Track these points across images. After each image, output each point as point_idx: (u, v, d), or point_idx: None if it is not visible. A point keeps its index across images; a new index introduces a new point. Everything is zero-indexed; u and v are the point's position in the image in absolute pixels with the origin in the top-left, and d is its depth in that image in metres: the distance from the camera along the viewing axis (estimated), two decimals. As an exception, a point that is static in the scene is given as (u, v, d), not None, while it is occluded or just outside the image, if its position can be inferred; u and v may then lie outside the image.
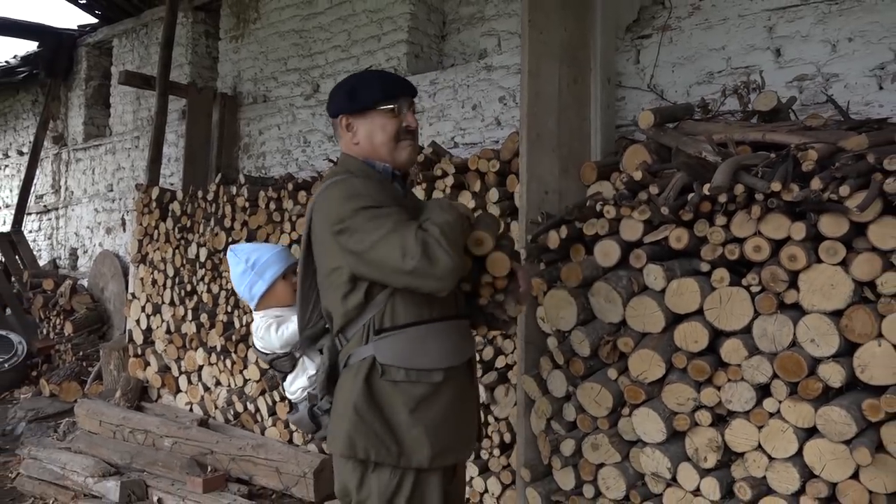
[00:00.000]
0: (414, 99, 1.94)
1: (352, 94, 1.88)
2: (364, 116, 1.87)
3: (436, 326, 1.78)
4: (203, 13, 6.77)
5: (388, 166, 1.88)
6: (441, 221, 1.65)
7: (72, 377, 6.21)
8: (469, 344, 1.90)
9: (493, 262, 1.76)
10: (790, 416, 2.12)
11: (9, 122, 9.40)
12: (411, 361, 1.74)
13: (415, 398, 1.73)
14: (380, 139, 1.86)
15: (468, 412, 1.88)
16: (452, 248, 1.60)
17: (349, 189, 1.73)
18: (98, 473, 4.02)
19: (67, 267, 8.14)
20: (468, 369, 1.89)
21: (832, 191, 2.08)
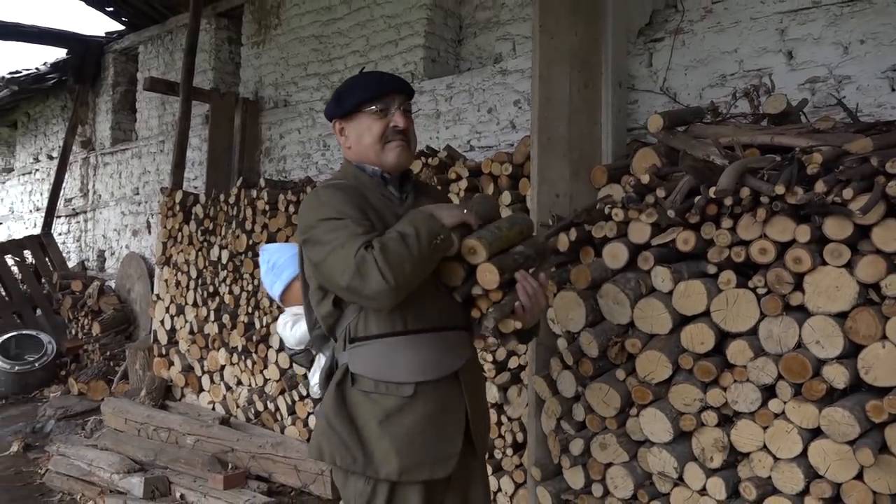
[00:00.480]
0: (406, 97, 1.87)
1: (339, 98, 1.87)
2: (352, 120, 1.85)
3: (409, 339, 1.74)
4: (226, 19, 6.90)
5: (377, 169, 1.85)
6: (395, 235, 1.61)
7: (99, 376, 6.36)
8: (456, 357, 1.80)
9: (481, 273, 1.66)
10: (795, 416, 2.14)
11: (39, 128, 9.63)
12: (380, 373, 1.74)
13: (384, 410, 1.72)
14: (367, 141, 1.83)
15: (450, 426, 1.78)
16: (389, 268, 1.55)
17: (318, 199, 1.75)
18: (123, 470, 4.12)
19: (95, 268, 8.33)
20: (454, 382, 1.79)
21: (836, 194, 2.10)
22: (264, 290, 4.52)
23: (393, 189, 1.87)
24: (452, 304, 1.73)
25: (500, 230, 1.73)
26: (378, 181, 1.86)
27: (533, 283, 1.71)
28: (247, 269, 4.62)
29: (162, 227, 5.51)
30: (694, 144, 2.72)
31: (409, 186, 1.92)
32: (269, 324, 4.45)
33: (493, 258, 1.67)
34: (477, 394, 1.89)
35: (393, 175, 1.87)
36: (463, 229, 1.69)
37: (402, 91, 1.85)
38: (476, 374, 1.93)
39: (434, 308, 1.76)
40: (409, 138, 1.86)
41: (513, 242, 1.76)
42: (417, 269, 1.61)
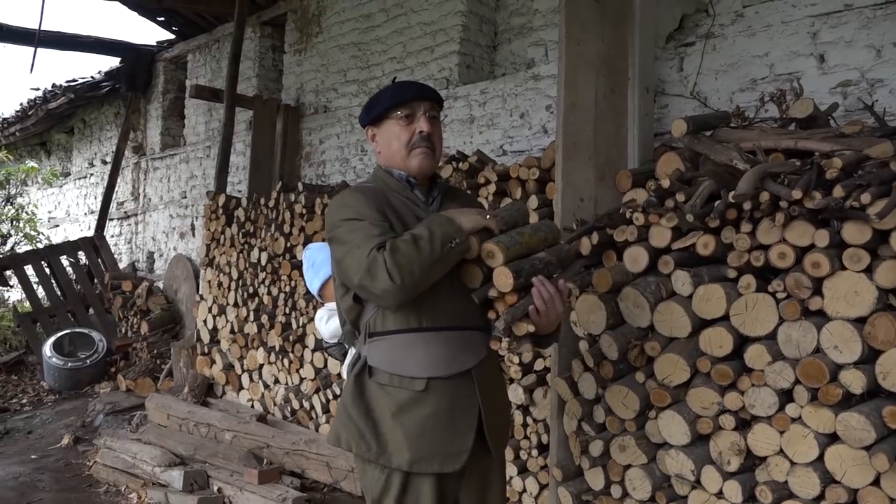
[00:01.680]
0: (433, 104, 1.95)
1: (369, 106, 1.97)
2: (382, 126, 1.95)
3: (423, 336, 1.81)
4: (270, 28, 7.09)
5: (402, 174, 1.94)
6: (408, 238, 1.69)
7: (146, 374, 6.60)
8: (470, 356, 1.86)
9: (496, 276, 1.72)
10: (811, 421, 2.14)
11: (94, 134, 10.01)
12: (394, 367, 1.82)
13: (398, 402, 1.81)
14: (394, 147, 1.92)
15: (462, 422, 1.82)
16: (397, 268, 1.65)
17: (343, 201, 1.87)
18: (164, 463, 4.28)
19: (145, 270, 8.62)
20: (467, 380, 1.84)
21: (854, 198, 2.09)
22: (301, 291, 4.65)
23: (419, 193, 1.95)
24: (471, 304, 1.78)
25: (521, 235, 1.78)
26: (404, 185, 1.94)
27: (550, 288, 1.74)
28: (284, 271, 4.75)
29: (206, 230, 5.70)
30: (717, 149, 2.73)
31: (437, 191, 2.00)
32: (305, 324, 4.57)
33: (511, 262, 1.72)
34: (493, 394, 1.92)
35: (419, 179, 1.95)
36: (485, 234, 1.76)
37: (428, 98, 1.93)
38: (493, 375, 1.96)
39: (451, 308, 1.83)
40: (434, 144, 1.93)
41: (534, 248, 1.80)
42: (427, 271, 1.68)
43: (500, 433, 1.96)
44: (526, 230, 1.81)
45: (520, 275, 1.71)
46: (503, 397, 2.06)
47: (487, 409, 1.87)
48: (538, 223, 1.89)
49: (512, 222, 1.83)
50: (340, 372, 4.27)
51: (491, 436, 1.88)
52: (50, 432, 5.99)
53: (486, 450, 1.89)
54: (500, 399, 2.01)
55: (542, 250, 1.82)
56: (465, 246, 1.72)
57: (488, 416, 1.87)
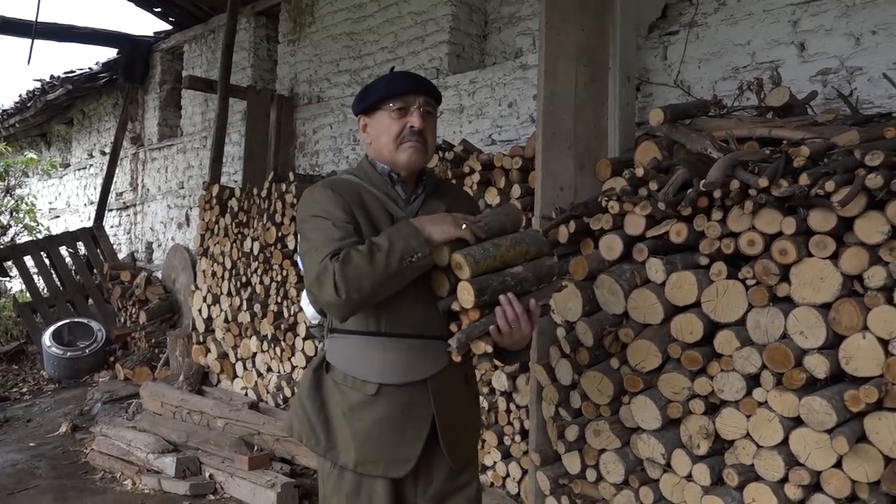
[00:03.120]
0: (429, 98, 1.87)
1: (363, 95, 1.90)
2: (373, 116, 1.88)
3: (379, 340, 1.78)
4: (264, 18, 7.11)
5: (386, 168, 1.88)
6: (364, 249, 1.63)
7: (143, 362, 6.67)
8: (427, 365, 1.80)
9: (460, 290, 1.65)
10: (776, 405, 2.17)
11: (93, 125, 10.06)
12: (349, 367, 1.81)
13: (349, 403, 1.80)
14: (383, 140, 1.85)
15: (411, 431, 1.79)
16: (345, 282, 1.60)
17: (313, 195, 1.83)
18: (158, 450, 4.35)
19: (144, 260, 8.69)
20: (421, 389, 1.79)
21: (820, 186, 2.12)
22: (292, 280, 4.70)
23: (400, 190, 1.89)
24: (435, 312, 1.72)
25: (496, 248, 1.69)
26: (385, 180, 1.88)
27: (517, 308, 1.66)
28: (276, 261, 4.80)
29: (200, 220, 5.74)
30: (693, 138, 2.75)
31: (422, 188, 1.93)
32: (296, 313, 4.61)
33: (478, 277, 1.64)
34: (453, 404, 1.86)
35: (405, 175, 1.89)
36: (459, 242, 1.69)
37: (423, 92, 1.86)
38: (454, 385, 1.87)
39: (412, 314, 1.78)
40: (427, 140, 1.86)
41: (511, 262, 1.72)
42: (379, 285, 1.63)
43: (461, 444, 1.90)
44: (504, 242, 1.72)
45: (484, 292, 1.64)
46: (468, 408, 1.97)
47: (444, 419, 1.81)
48: (521, 234, 1.78)
49: (498, 228, 1.76)
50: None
51: (447, 447, 1.82)
52: (49, 420, 6.07)
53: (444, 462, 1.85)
54: (464, 410, 1.93)
55: (521, 264, 1.73)
56: (427, 261, 1.66)
57: (444, 427, 1.81)
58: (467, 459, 1.95)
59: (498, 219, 1.78)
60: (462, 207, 1.92)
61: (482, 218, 1.77)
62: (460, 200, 2.03)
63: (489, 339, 1.67)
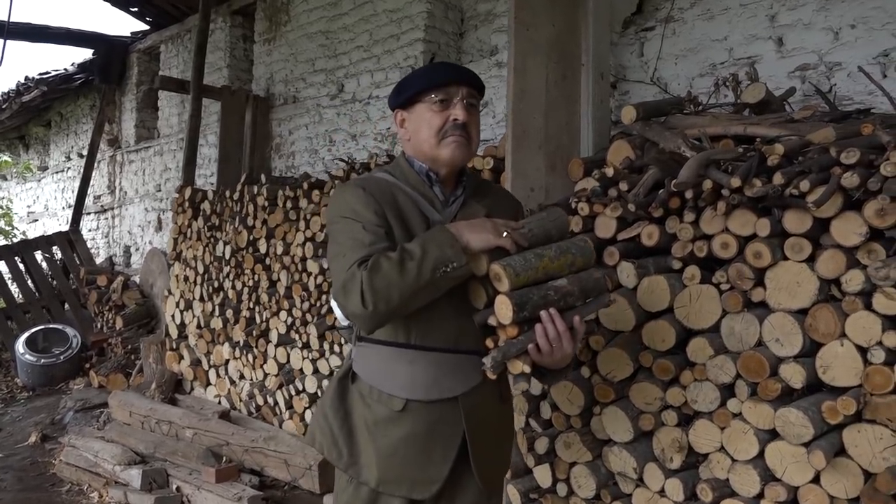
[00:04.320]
0: (474, 89, 1.73)
1: (400, 87, 1.76)
2: (412, 110, 1.74)
3: (409, 353, 1.66)
4: (240, 17, 6.97)
5: (423, 166, 1.73)
6: (395, 256, 1.51)
7: (118, 369, 6.51)
8: (458, 382, 1.68)
9: (497, 304, 1.51)
10: (751, 417, 2.07)
11: (70, 127, 9.89)
12: (375, 380, 1.70)
13: (375, 417, 1.68)
14: (424, 135, 1.70)
15: (438, 451, 1.67)
16: (373, 293, 1.49)
17: (342, 194, 1.70)
18: (124, 462, 4.21)
19: (122, 264, 8.53)
20: (452, 407, 1.67)
21: (794, 186, 2.01)
22: (264, 286, 4.57)
23: (439, 191, 1.75)
24: (470, 325, 1.59)
25: (540, 259, 1.55)
26: (423, 179, 1.74)
27: (559, 326, 1.52)
28: (248, 265, 4.67)
29: (173, 224, 5.61)
30: (667, 136, 2.65)
31: (462, 189, 1.78)
32: (268, 318, 4.49)
33: (518, 290, 1.50)
34: (485, 424, 1.73)
35: (445, 174, 1.75)
36: (499, 251, 1.55)
37: (466, 83, 1.71)
38: (488, 404, 1.74)
39: (445, 326, 1.66)
40: (471, 134, 1.72)
41: (555, 274, 1.57)
42: (409, 297, 1.51)
43: (493, 467, 1.79)
44: (548, 252, 1.57)
45: (523, 307, 1.49)
46: (503, 429, 1.85)
47: (476, 440, 1.69)
48: (567, 243, 1.62)
49: (543, 236, 1.61)
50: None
51: (478, 469, 1.70)
52: (19, 430, 5.91)
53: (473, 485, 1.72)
54: (498, 430, 1.81)
55: (566, 276, 1.58)
56: (463, 271, 1.52)
57: (476, 448, 1.69)
58: (499, 484, 1.85)
59: (542, 225, 1.64)
60: (504, 211, 1.80)
61: (525, 224, 1.62)
62: (503, 203, 1.88)
63: (527, 357, 1.53)
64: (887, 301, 1.89)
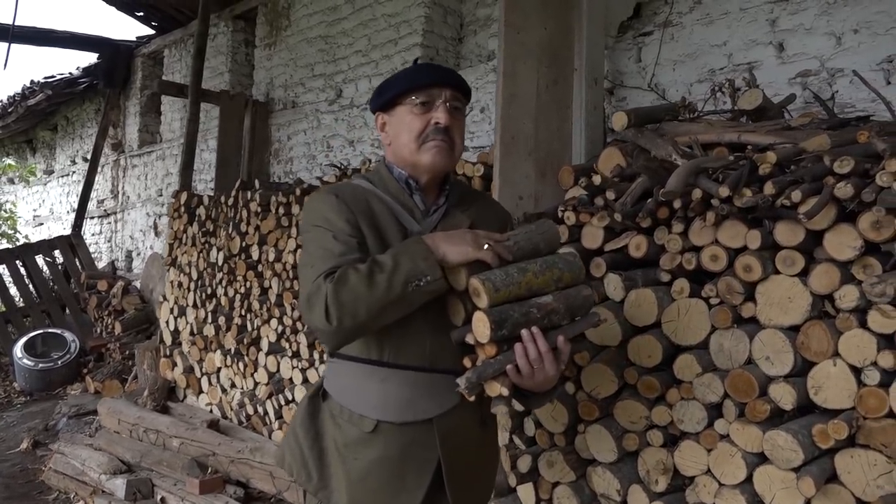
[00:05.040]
0: (459, 91, 1.63)
1: (381, 88, 1.67)
2: (393, 113, 1.65)
3: (381, 371, 1.56)
4: (242, 22, 6.94)
5: (403, 173, 1.64)
6: (364, 269, 1.42)
7: (114, 375, 6.46)
8: (434, 403, 1.57)
9: (475, 321, 1.41)
10: (739, 439, 1.96)
11: (76, 131, 9.89)
12: (346, 399, 1.60)
13: (346, 438, 1.58)
14: (404, 139, 1.61)
15: (411, 477, 1.57)
16: (337, 307, 1.40)
17: (316, 201, 1.62)
18: (110, 470, 4.14)
19: (124, 269, 8.50)
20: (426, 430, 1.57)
21: (786, 196, 1.91)
22: (255, 293, 4.49)
23: (419, 199, 1.65)
24: (447, 342, 1.49)
25: (522, 273, 1.44)
26: (402, 187, 1.64)
27: (541, 345, 1.42)
28: (240, 272, 4.60)
29: (170, 229, 5.55)
30: (658, 143, 2.55)
31: (444, 198, 1.68)
32: (259, 326, 4.41)
33: (497, 307, 1.40)
34: (463, 450, 1.62)
35: (426, 182, 1.65)
36: (480, 264, 1.45)
37: (450, 85, 1.62)
38: (467, 428, 1.63)
39: (421, 344, 1.56)
40: (454, 139, 1.62)
41: (539, 291, 1.46)
42: (377, 312, 1.42)
43: (472, 495, 1.68)
44: (533, 266, 1.47)
45: (502, 325, 1.39)
46: (484, 454, 1.74)
47: (452, 465, 1.59)
48: (555, 256, 1.52)
49: (530, 249, 1.50)
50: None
51: (455, 497, 1.59)
52: (12, 436, 5.86)
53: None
54: (478, 456, 1.70)
55: (552, 293, 1.48)
56: (437, 286, 1.43)
57: (452, 475, 1.58)
58: None
59: (530, 238, 1.52)
60: (491, 222, 1.69)
61: (511, 236, 1.51)
62: (489, 213, 1.78)
63: (506, 379, 1.42)
64: (883, 319, 1.78)
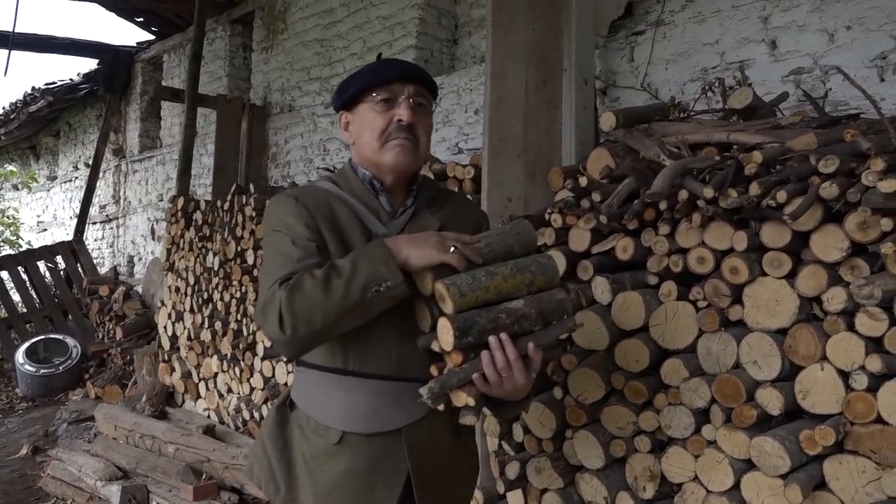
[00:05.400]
0: (421, 87, 1.57)
1: (343, 86, 1.61)
2: (356, 111, 1.59)
3: (347, 380, 1.51)
4: (240, 26, 6.93)
5: (367, 174, 1.59)
6: (321, 275, 1.36)
7: (115, 380, 6.45)
8: (402, 413, 1.51)
9: (439, 328, 1.35)
10: (726, 445, 1.92)
11: (78, 137, 9.92)
12: (312, 409, 1.55)
13: (312, 450, 1.53)
14: (366, 137, 1.56)
15: (380, 490, 1.51)
16: (291, 315, 1.34)
17: (275, 205, 1.57)
18: (106, 477, 4.13)
19: (126, 274, 8.50)
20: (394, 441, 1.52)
21: (772, 196, 1.87)
22: (251, 297, 4.47)
23: (385, 200, 1.59)
24: (415, 351, 1.43)
25: (492, 277, 1.38)
26: (367, 188, 1.59)
27: (510, 353, 1.35)
28: (236, 276, 4.58)
29: (167, 234, 5.54)
30: (647, 144, 2.51)
31: (412, 199, 1.62)
32: (255, 331, 4.39)
33: (463, 313, 1.34)
34: (434, 461, 1.56)
35: (389, 183, 1.59)
36: (446, 268, 1.38)
37: (413, 80, 1.55)
38: (438, 439, 1.57)
39: (386, 352, 1.50)
40: (418, 137, 1.55)
41: (509, 295, 1.40)
42: (333, 319, 1.36)
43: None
44: (502, 269, 1.40)
45: (466, 332, 1.33)
46: (459, 466, 1.67)
47: (422, 478, 1.53)
48: (528, 259, 1.45)
49: (502, 252, 1.44)
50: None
51: None
52: (13, 442, 5.86)
53: None
54: (452, 468, 1.63)
55: (524, 297, 1.41)
56: (398, 291, 1.37)
57: (423, 488, 1.53)
58: None
59: (503, 240, 1.46)
60: (464, 223, 1.64)
61: (482, 238, 1.45)
62: (462, 214, 1.71)
63: (473, 388, 1.36)
64: (871, 321, 1.74)
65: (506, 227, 1.54)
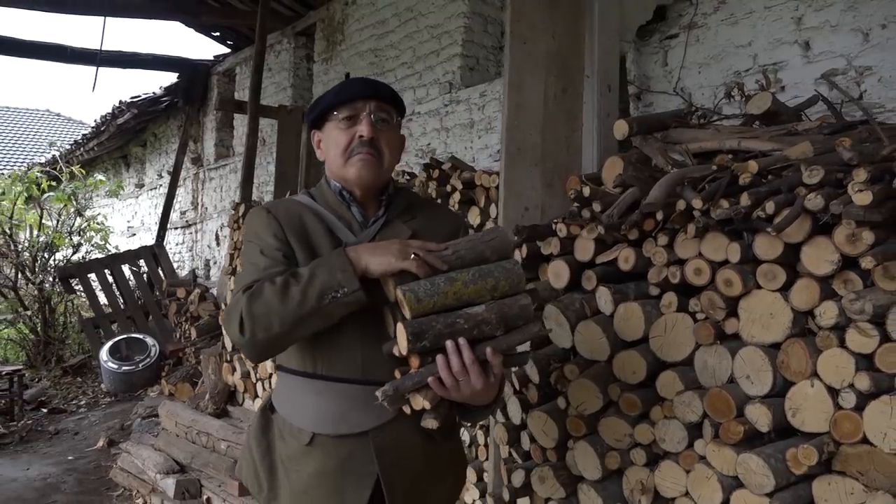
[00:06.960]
0: (384, 102, 1.64)
1: (312, 106, 1.70)
2: (324, 129, 1.67)
3: (315, 384, 1.57)
4: (304, 38, 7.16)
5: (337, 185, 1.67)
6: (280, 282, 1.43)
7: (186, 379, 6.79)
8: (369, 416, 1.55)
9: (397, 334, 1.39)
10: (714, 461, 1.88)
11: (162, 146, 10.47)
12: (286, 412, 1.63)
13: (288, 451, 1.61)
14: (332, 154, 1.64)
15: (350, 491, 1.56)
16: (251, 320, 1.41)
17: (250, 218, 1.67)
18: (164, 470, 4.38)
19: (203, 276, 8.92)
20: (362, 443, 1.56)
21: (762, 207, 1.83)
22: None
23: (357, 211, 1.66)
24: (380, 355, 1.46)
25: (451, 283, 1.40)
26: (339, 200, 1.67)
27: (466, 357, 1.37)
28: (287, 281, 4.75)
29: (230, 240, 5.80)
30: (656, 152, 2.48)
31: (383, 209, 1.68)
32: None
33: (420, 318, 1.37)
34: (403, 464, 1.59)
35: (361, 193, 1.66)
36: (409, 275, 1.42)
37: (374, 97, 1.63)
38: (407, 441, 1.59)
39: (352, 356, 1.56)
40: (380, 151, 1.62)
41: (470, 300, 1.42)
42: (291, 325, 1.42)
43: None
44: (463, 275, 1.42)
45: (421, 336, 1.35)
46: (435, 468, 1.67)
47: (393, 480, 1.57)
48: (493, 265, 1.47)
49: (473, 259, 1.46)
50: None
51: None
52: (93, 434, 6.28)
53: None
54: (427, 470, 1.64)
55: (486, 303, 1.42)
56: (355, 297, 1.42)
57: (393, 490, 1.57)
58: None
59: (473, 247, 1.48)
60: (438, 231, 1.67)
61: (452, 245, 1.48)
62: (438, 222, 1.75)
63: (429, 392, 1.40)
64: (861, 338, 1.67)
65: (479, 234, 1.56)
